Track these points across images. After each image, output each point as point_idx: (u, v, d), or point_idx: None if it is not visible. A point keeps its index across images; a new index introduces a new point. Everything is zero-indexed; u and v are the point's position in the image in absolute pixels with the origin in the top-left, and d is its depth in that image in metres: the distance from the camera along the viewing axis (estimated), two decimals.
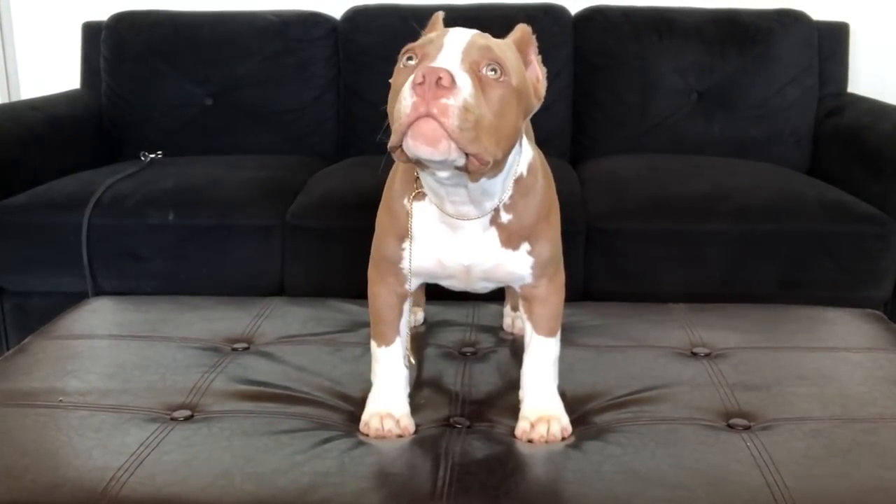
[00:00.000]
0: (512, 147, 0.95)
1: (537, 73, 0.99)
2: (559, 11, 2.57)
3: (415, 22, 1.06)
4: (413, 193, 1.03)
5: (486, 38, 0.93)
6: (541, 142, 1.16)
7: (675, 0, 2.62)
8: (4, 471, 0.95)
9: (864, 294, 1.96)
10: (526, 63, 0.98)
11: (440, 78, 0.83)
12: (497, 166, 0.93)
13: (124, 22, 2.62)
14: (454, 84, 0.84)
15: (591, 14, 2.59)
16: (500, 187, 0.99)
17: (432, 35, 0.94)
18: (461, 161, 0.87)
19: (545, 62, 1.01)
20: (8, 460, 0.97)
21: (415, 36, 1.03)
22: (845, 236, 1.96)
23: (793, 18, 2.53)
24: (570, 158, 2.54)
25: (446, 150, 0.85)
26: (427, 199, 1.02)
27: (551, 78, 1.09)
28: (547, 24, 2.52)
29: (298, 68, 2.58)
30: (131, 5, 2.67)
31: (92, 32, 2.67)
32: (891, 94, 2.46)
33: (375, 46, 2.53)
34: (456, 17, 2.32)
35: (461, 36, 0.92)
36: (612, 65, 2.54)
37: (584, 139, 2.58)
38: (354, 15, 2.61)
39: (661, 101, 2.52)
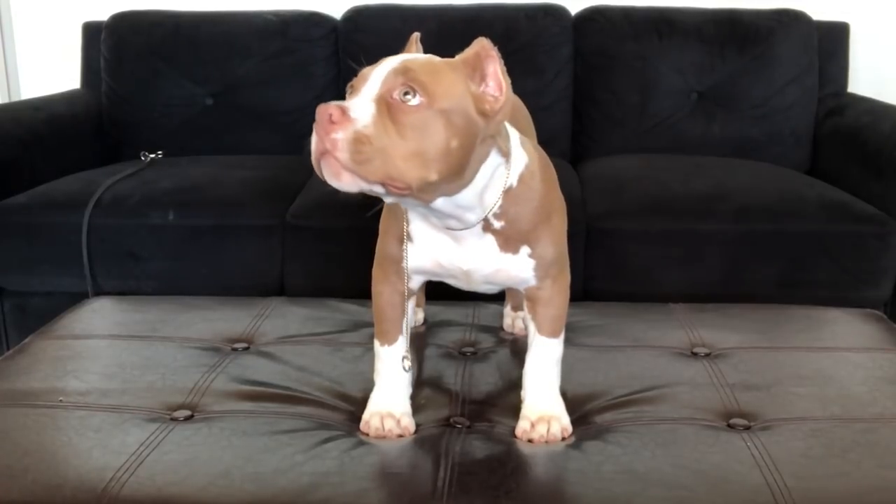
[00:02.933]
0: (456, 168, 0.90)
1: (500, 85, 0.93)
2: (559, 11, 2.57)
3: (412, 25, 1.06)
4: None
5: (415, 63, 0.90)
6: (541, 142, 1.16)
7: (675, 0, 2.62)
8: (4, 471, 0.95)
9: (864, 294, 1.96)
10: (481, 77, 0.93)
11: (331, 114, 0.84)
12: (439, 188, 0.90)
13: (124, 22, 2.62)
14: (345, 118, 0.84)
15: (591, 14, 2.58)
16: (476, 200, 0.96)
17: (367, 69, 0.92)
18: (379, 189, 0.87)
19: (545, 62, 1.00)
20: (8, 460, 0.97)
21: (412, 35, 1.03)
22: (845, 236, 1.96)
23: (793, 18, 2.53)
24: (570, 158, 2.54)
25: (351, 182, 0.86)
26: None
27: (551, 78, 1.08)
28: (547, 24, 2.51)
29: (298, 68, 2.58)
30: (131, 5, 2.67)
31: (92, 32, 2.67)
32: (891, 94, 2.46)
33: (375, 46, 2.48)
34: (456, 18, 2.34)
35: (387, 65, 0.90)
36: (612, 65, 2.54)
37: (584, 139, 2.57)
38: (354, 15, 2.61)
39: (661, 101, 2.52)
